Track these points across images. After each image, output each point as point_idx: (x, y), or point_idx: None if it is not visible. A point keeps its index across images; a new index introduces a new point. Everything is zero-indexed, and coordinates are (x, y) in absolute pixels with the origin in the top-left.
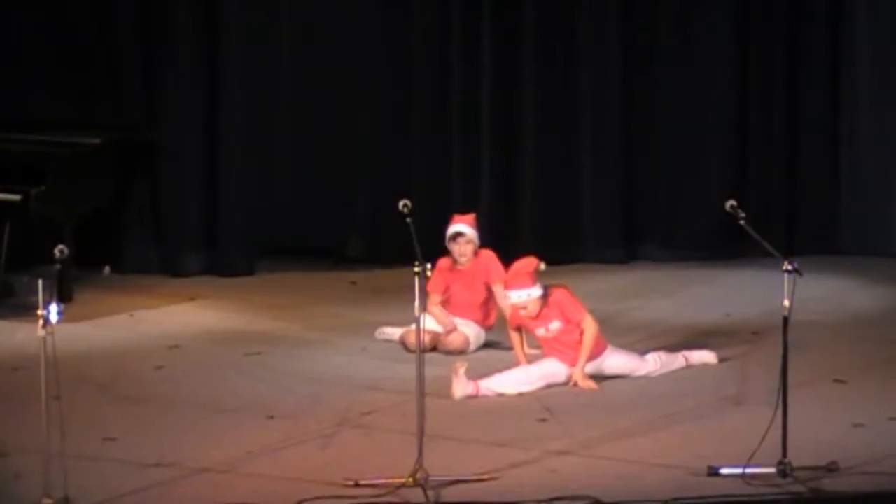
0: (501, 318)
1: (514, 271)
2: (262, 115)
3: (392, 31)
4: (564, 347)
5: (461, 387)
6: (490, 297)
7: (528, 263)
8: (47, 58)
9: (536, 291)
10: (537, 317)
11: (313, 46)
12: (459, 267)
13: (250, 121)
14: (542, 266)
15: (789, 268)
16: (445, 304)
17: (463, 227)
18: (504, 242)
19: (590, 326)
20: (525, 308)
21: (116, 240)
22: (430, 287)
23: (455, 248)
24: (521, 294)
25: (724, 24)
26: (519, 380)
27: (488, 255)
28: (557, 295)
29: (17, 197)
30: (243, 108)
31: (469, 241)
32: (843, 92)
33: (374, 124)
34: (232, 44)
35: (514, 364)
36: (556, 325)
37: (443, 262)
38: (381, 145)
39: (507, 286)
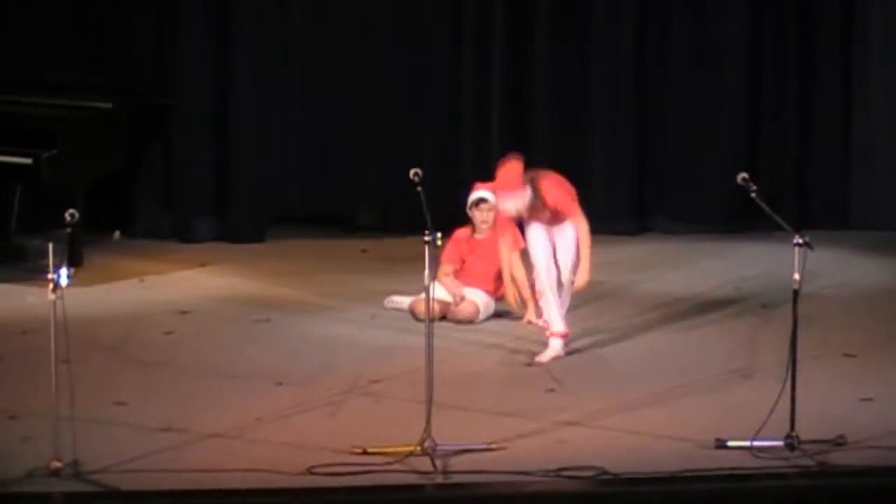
0: None
1: (502, 178)
2: (274, 81)
3: (406, 1)
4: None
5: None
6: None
7: (515, 166)
8: (60, 22)
9: (527, 193)
10: (530, 215)
11: (327, 13)
12: (478, 236)
13: (262, 87)
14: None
15: (800, 241)
16: (458, 272)
17: (486, 193)
18: None
19: (582, 227)
20: (492, 210)
21: (127, 205)
22: (444, 258)
23: (477, 214)
24: (516, 202)
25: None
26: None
27: (507, 222)
28: (551, 198)
29: (28, 160)
30: (255, 75)
31: (491, 209)
32: (855, 67)
33: (387, 92)
34: (244, 9)
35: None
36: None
37: (459, 233)
38: (394, 114)
39: (497, 194)
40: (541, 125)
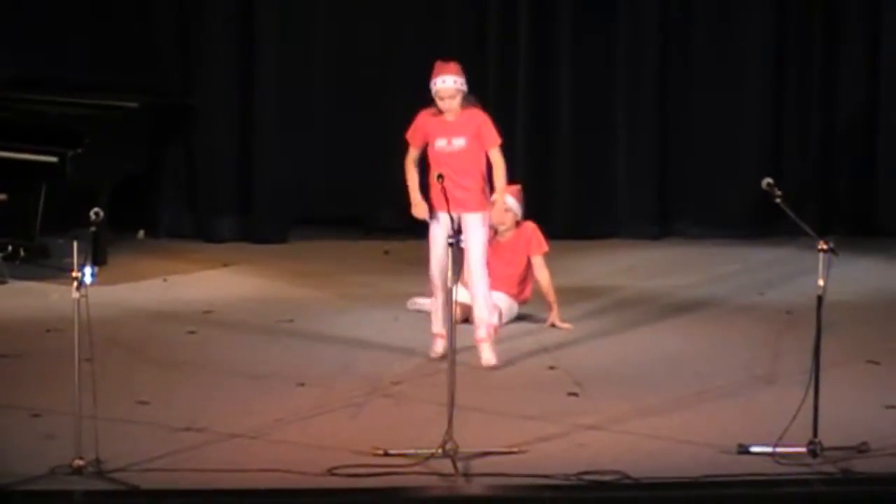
0: (536, 294)
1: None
2: (298, 82)
3: (430, 4)
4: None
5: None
6: (528, 271)
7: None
8: (86, 22)
9: (518, 211)
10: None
11: (351, 15)
12: (500, 239)
13: (286, 88)
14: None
15: (824, 247)
16: None
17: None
18: (539, 217)
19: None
20: (508, 211)
21: (151, 204)
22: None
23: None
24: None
25: None
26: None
27: (530, 226)
28: (528, 228)
29: (54, 159)
30: (278, 77)
31: (508, 209)
32: (881, 69)
33: (410, 92)
34: (269, 9)
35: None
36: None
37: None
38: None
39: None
40: (564, 129)
